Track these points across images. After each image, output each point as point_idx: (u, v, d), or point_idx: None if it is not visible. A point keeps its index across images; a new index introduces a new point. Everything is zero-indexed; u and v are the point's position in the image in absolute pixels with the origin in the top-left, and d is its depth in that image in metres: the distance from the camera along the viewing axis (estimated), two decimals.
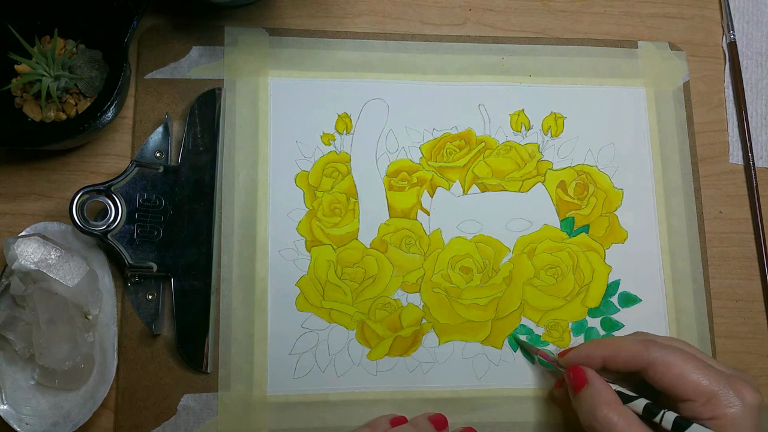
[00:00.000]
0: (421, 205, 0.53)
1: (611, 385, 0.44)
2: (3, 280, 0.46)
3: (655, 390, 0.44)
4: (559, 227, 0.53)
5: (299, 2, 0.56)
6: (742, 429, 0.41)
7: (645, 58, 0.57)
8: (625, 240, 0.53)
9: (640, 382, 0.45)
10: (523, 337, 0.51)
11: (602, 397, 0.43)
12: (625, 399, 0.44)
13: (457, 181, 0.53)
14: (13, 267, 0.45)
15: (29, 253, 0.46)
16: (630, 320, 0.52)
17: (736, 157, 0.57)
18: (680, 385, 0.42)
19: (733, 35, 0.59)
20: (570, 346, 0.49)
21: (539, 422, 0.50)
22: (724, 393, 0.41)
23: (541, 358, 0.49)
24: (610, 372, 0.46)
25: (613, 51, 0.57)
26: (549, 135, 0.55)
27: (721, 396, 0.41)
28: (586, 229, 0.53)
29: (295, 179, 0.52)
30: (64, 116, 0.50)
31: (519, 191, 0.54)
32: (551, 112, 0.55)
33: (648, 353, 0.43)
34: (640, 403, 0.43)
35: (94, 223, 0.47)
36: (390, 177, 0.53)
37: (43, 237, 0.46)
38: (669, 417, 0.42)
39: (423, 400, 0.49)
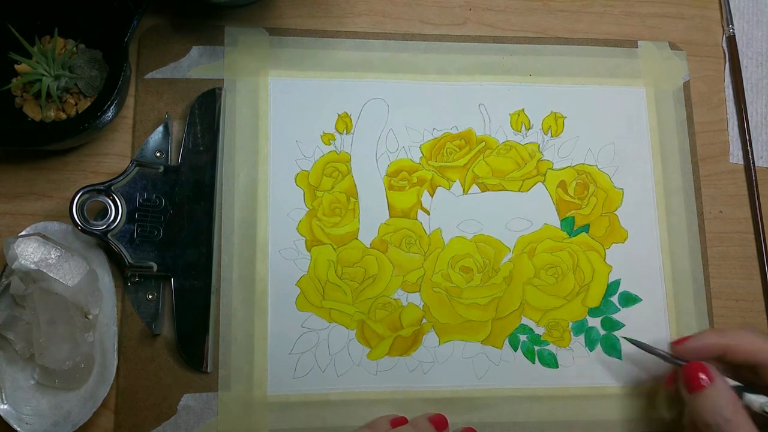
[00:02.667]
0: (421, 204, 0.53)
1: (731, 381, 0.44)
2: (3, 280, 0.46)
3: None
4: (559, 227, 0.53)
5: (299, 2, 0.56)
6: None
7: (645, 58, 0.57)
8: (625, 240, 0.53)
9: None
10: (631, 338, 0.50)
11: (729, 397, 0.43)
12: (745, 392, 0.44)
13: (458, 180, 0.53)
14: (13, 267, 0.45)
15: (29, 252, 0.46)
16: (630, 320, 0.52)
17: (736, 156, 0.57)
18: None
19: (732, 30, 0.59)
20: (683, 336, 0.47)
21: (539, 422, 0.50)
22: None
23: (654, 353, 0.48)
24: (720, 363, 0.45)
25: (613, 51, 0.57)
26: (549, 135, 0.55)
27: None
28: (586, 228, 0.53)
29: (295, 179, 0.52)
30: (64, 116, 0.50)
31: (519, 191, 0.54)
32: (551, 112, 0.55)
33: None
34: (756, 400, 0.43)
35: (94, 222, 0.47)
36: (390, 177, 0.53)
37: (43, 237, 0.46)
38: None
39: (423, 400, 0.49)
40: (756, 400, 0.43)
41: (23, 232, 0.48)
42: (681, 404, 0.50)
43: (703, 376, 0.44)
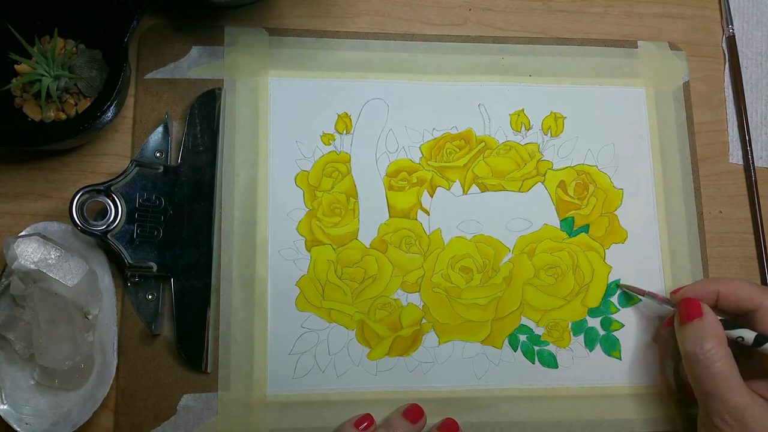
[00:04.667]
0: (421, 205, 0.53)
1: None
2: (3, 280, 0.46)
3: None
4: (559, 227, 0.53)
5: (299, 2, 0.56)
6: None
7: (645, 58, 0.57)
8: (625, 240, 0.53)
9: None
10: (624, 284, 0.52)
11: (713, 330, 0.45)
12: (730, 327, 0.46)
13: (457, 181, 0.53)
14: (13, 267, 0.45)
15: (29, 253, 0.46)
16: (630, 320, 0.52)
17: (736, 157, 0.57)
18: None
19: (732, 30, 0.59)
20: (679, 286, 0.50)
21: (539, 422, 0.50)
22: None
23: (650, 295, 0.50)
24: (717, 310, 0.47)
25: (613, 51, 0.57)
26: (549, 135, 0.55)
27: None
28: (586, 229, 0.53)
29: (295, 179, 0.52)
30: (64, 116, 0.50)
31: (519, 191, 0.54)
32: (551, 112, 0.55)
33: (764, 297, 0.46)
34: (747, 333, 0.45)
35: (94, 223, 0.47)
36: (390, 177, 0.53)
37: (43, 237, 0.46)
38: None
39: (423, 400, 0.49)
40: (732, 333, 0.45)
41: (23, 232, 0.48)
42: (682, 405, 0.51)
43: (694, 309, 0.46)
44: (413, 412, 0.48)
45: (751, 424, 0.43)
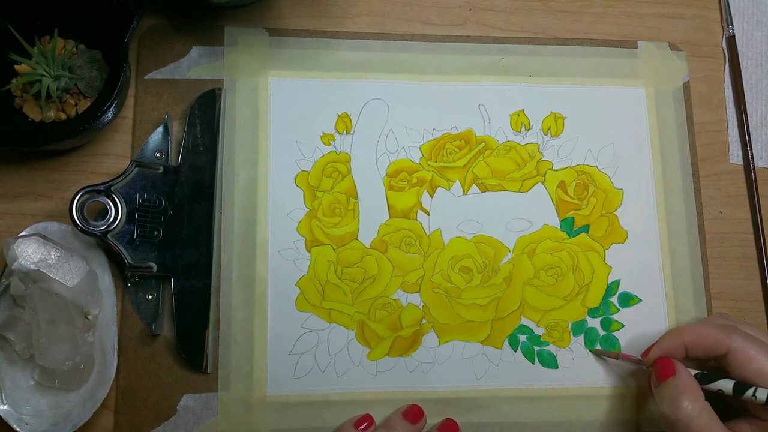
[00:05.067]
0: (421, 205, 0.53)
1: (692, 370, 0.45)
2: (3, 280, 0.46)
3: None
4: (559, 227, 0.53)
5: (299, 2, 0.56)
6: None
7: (645, 58, 0.57)
8: (625, 240, 0.53)
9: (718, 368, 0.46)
10: (597, 347, 0.51)
11: (688, 387, 0.44)
12: (708, 380, 0.45)
13: (457, 181, 0.53)
14: (13, 267, 0.45)
15: (29, 253, 0.46)
16: (630, 320, 0.52)
17: (736, 157, 0.57)
18: (759, 379, 0.43)
19: (732, 30, 0.59)
20: (650, 344, 0.48)
21: (539, 422, 0.50)
22: None
23: (623, 359, 0.50)
24: (690, 360, 0.47)
25: (613, 51, 0.57)
26: (549, 135, 0.55)
27: None
28: (586, 229, 0.53)
29: (295, 179, 0.52)
30: (64, 116, 0.50)
31: (519, 191, 0.54)
32: (551, 112, 0.55)
33: (729, 340, 0.45)
34: (725, 384, 0.44)
35: (94, 223, 0.47)
36: (390, 177, 0.53)
37: (43, 237, 0.46)
38: (761, 393, 0.43)
39: (423, 400, 0.49)
40: (711, 387, 0.45)
41: (23, 233, 0.48)
42: None
43: (666, 368, 0.45)
44: (413, 413, 0.48)
45: None
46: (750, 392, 0.44)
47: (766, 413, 0.45)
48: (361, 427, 0.47)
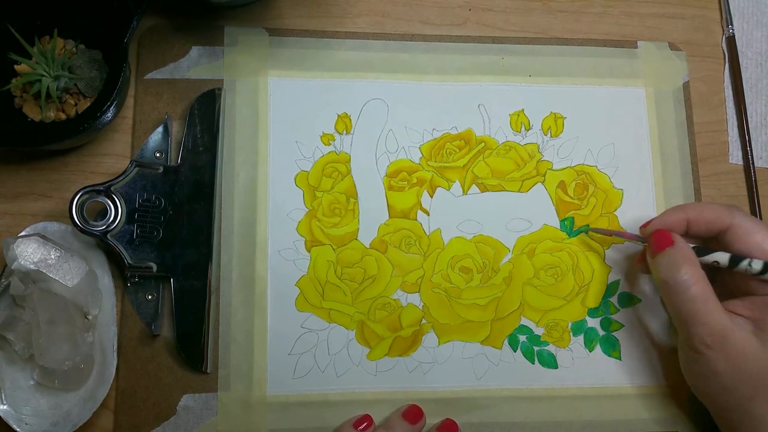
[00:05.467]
0: (421, 205, 0.53)
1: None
2: (3, 280, 0.46)
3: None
4: (558, 227, 0.53)
5: (299, 2, 0.56)
6: None
7: (645, 58, 0.57)
8: (625, 240, 0.53)
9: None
10: (591, 229, 0.52)
11: (686, 255, 0.45)
12: (704, 252, 0.46)
13: (457, 181, 0.53)
14: (13, 267, 0.45)
15: (29, 253, 0.46)
16: (630, 320, 0.52)
17: (736, 157, 0.57)
18: (757, 252, 0.44)
19: (732, 30, 0.59)
20: (649, 219, 0.49)
21: (539, 422, 0.50)
22: None
23: (618, 235, 0.51)
24: (689, 237, 0.47)
25: (613, 51, 0.57)
26: (549, 135, 0.55)
27: None
28: (586, 229, 0.53)
29: (295, 179, 0.52)
30: (64, 116, 0.50)
31: (519, 191, 0.54)
32: (551, 112, 0.55)
33: (731, 216, 0.46)
34: (721, 256, 0.45)
35: (94, 223, 0.47)
36: (390, 177, 0.53)
37: (43, 237, 0.46)
38: (756, 264, 0.44)
39: (423, 401, 0.49)
40: (707, 258, 0.46)
41: (23, 233, 0.48)
42: (682, 405, 0.51)
43: (664, 239, 0.46)
44: (413, 413, 0.48)
45: (732, 343, 0.43)
46: (745, 263, 0.44)
47: (760, 287, 0.45)
48: (361, 428, 0.47)
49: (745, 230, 0.45)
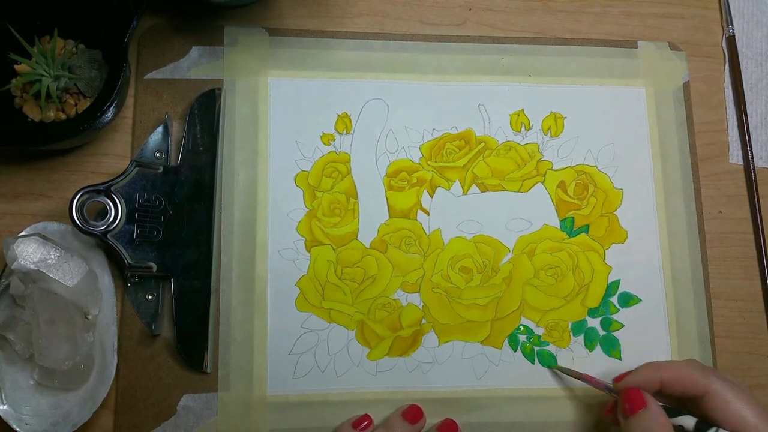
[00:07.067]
0: (421, 205, 0.53)
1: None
2: (3, 280, 0.46)
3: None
4: (558, 227, 0.53)
5: (299, 2, 0.56)
6: None
7: (645, 58, 0.57)
8: (625, 240, 0.53)
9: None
10: (559, 365, 0.51)
11: (659, 422, 0.43)
12: (671, 414, 0.44)
13: (457, 181, 0.53)
14: (13, 267, 0.45)
15: (29, 253, 0.46)
16: (630, 320, 0.52)
17: (736, 157, 0.57)
18: (733, 422, 0.42)
19: (732, 30, 0.59)
20: (624, 372, 0.47)
21: (539, 422, 0.50)
22: None
23: (586, 380, 0.49)
24: (660, 395, 0.46)
25: (613, 51, 0.57)
26: (549, 135, 0.55)
27: None
28: (586, 229, 0.53)
29: (295, 179, 0.52)
30: (64, 116, 0.50)
31: (519, 191, 0.54)
32: (551, 112, 0.55)
33: (708, 381, 0.44)
34: (687, 420, 0.44)
35: (94, 223, 0.47)
36: (390, 177, 0.53)
37: (43, 237, 0.46)
38: None
39: (423, 400, 0.49)
40: (675, 421, 0.44)
41: (23, 233, 0.48)
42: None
43: (637, 400, 0.44)
44: (412, 413, 0.48)
45: None
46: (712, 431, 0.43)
47: None
48: (360, 427, 0.47)
49: (722, 399, 0.43)
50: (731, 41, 0.59)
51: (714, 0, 0.60)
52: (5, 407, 0.45)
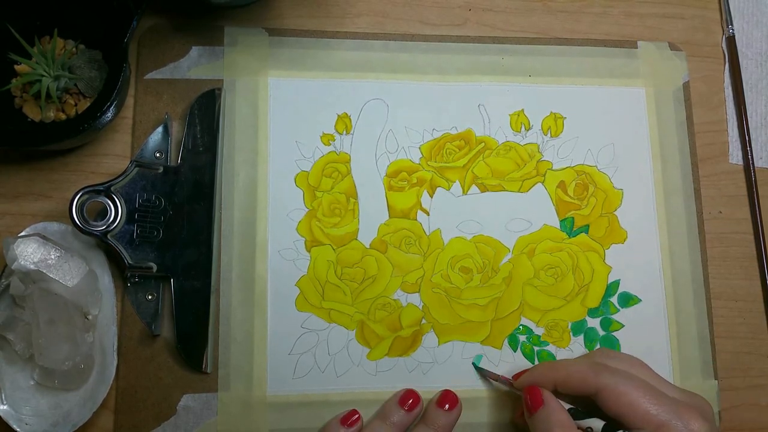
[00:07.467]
0: (421, 205, 0.53)
1: (565, 404, 0.44)
2: (3, 280, 0.46)
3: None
4: (558, 227, 0.53)
5: (299, 2, 0.56)
6: None
7: (645, 58, 0.57)
8: (624, 240, 0.53)
9: (593, 403, 0.44)
10: (481, 364, 0.50)
11: (557, 417, 0.43)
12: (580, 416, 0.43)
13: (457, 181, 0.53)
14: (13, 267, 0.45)
15: (29, 253, 0.46)
16: (630, 320, 0.52)
17: (735, 157, 0.57)
18: (629, 414, 0.42)
19: (732, 30, 0.59)
20: (523, 369, 0.48)
21: None
22: (674, 422, 0.41)
23: (502, 381, 0.49)
24: (564, 396, 0.45)
25: (613, 51, 0.57)
26: (549, 135, 0.55)
27: (669, 426, 0.41)
28: (585, 229, 0.53)
29: (295, 179, 0.52)
30: (63, 116, 0.50)
31: (519, 191, 0.54)
32: (551, 112, 0.55)
33: (597, 379, 0.43)
34: (595, 423, 0.43)
35: (94, 223, 0.47)
36: (390, 177, 0.53)
37: (43, 237, 0.46)
38: None
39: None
40: (582, 424, 0.43)
41: (23, 233, 0.48)
42: None
43: (536, 398, 0.44)
44: (408, 397, 0.48)
45: None
46: None
47: None
48: (349, 422, 0.47)
49: (614, 393, 0.42)
50: (731, 41, 0.59)
51: (714, 0, 0.60)
52: (5, 407, 0.45)
